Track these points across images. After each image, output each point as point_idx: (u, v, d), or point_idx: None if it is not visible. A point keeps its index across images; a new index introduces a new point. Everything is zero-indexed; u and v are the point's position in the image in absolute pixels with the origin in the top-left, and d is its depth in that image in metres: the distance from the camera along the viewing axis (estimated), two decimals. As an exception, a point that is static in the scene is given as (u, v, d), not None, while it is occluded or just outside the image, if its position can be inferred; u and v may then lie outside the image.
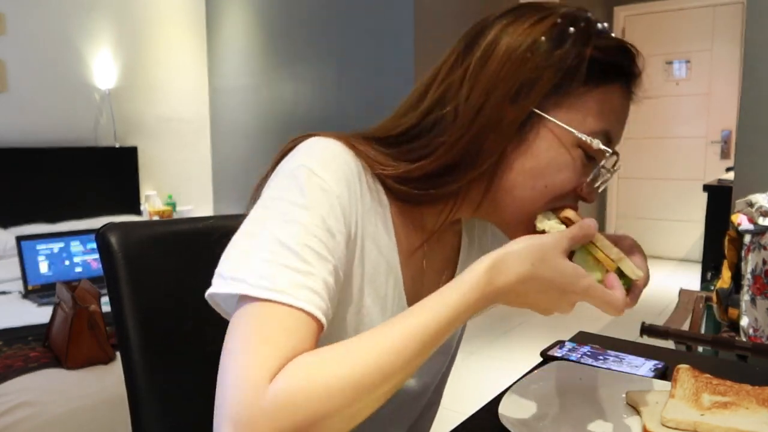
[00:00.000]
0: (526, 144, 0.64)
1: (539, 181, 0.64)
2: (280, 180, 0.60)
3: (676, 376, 0.76)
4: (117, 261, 0.79)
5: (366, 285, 0.66)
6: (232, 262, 0.55)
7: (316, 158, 0.60)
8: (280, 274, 0.52)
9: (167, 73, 3.89)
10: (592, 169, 0.66)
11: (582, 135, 0.63)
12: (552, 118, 0.63)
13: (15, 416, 1.51)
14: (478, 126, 0.62)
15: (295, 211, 0.56)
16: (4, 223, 2.97)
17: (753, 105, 2.32)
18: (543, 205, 0.65)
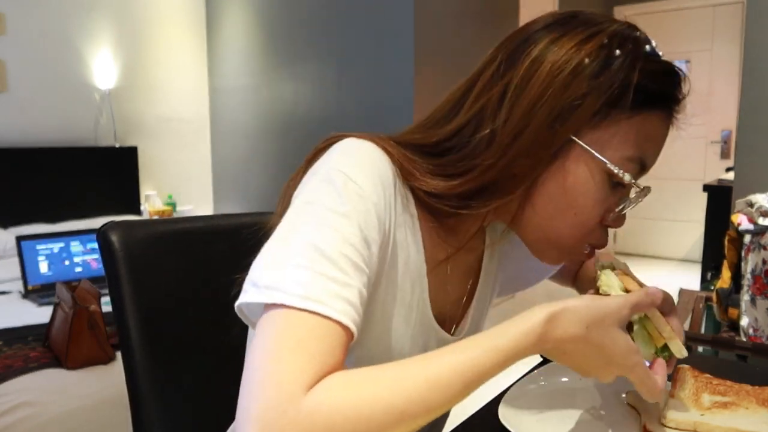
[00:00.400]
0: (558, 168, 0.62)
1: (569, 207, 0.63)
2: (316, 184, 0.57)
3: (676, 376, 0.76)
4: (118, 260, 0.79)
5: (392, 292, 0.65)
6: (266, 270, 0.52)
7: (352, 162, 0.59)
8: (317, 282, 0.50)
9: (167, 73, 3.89)
10: (621, 196, 0.64)
11: (614, 167, 0.61)
12: (586, 146, 0.61)
13: (15, 416, 1.51)
14: (515, 151, 0.61)
15: (333, 217, 0.54)
16: (4, 223, 2.97)
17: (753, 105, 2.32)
18: (575, 234, 0.65)
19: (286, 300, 0.49)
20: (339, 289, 0.51)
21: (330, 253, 0.52)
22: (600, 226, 0.65)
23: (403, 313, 0.66)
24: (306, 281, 0.50)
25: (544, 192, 0.63)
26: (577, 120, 0.60)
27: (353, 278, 0.52)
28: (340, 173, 0.57)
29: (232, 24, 3.97)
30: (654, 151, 0.64)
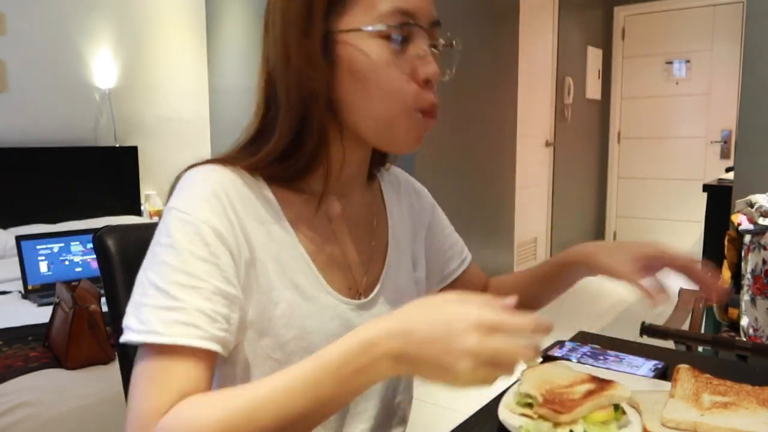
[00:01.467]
0: (338, 64, 0.65)
1: (371, 86, 0.65)
2: (161, 222, 0.64)
3: (676, 376, 0.76)
4: (114, 264, 0.79)
5: (279, 280, 0.67)
6: (127, 313, 0.60)
7: (181, 195, 0.64)
8: (153, 315, 0.57)
9: (167, 73, 3.89)
10: (416, 52, 0.65)
11: (365, 27, 0.63)
12: (341, 30, 0.64)
13: (15, 416, 1.50)
14: (293, 75, 0.65)
15: (163, 252, 0.61)
16: (4, 223, 2.97)
17: (753, 105, 2.32)
18: (396, 104, 0.65)
19: (134, 337, 0.58)
20: (174, 315, 0.57)
21: (162, 285, 0.59)
22: (417, 86, 0.66)
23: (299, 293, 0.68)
24: (146, 318, 0.57)
25: (344, 92, 0.66)
26: (317, 15, 0.63)
27: (186, 301, 0.58)
28: (170, 210, 0.63)
29: (232, 24, 3.97)
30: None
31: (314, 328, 0.68)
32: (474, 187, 3.77)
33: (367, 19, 0.63)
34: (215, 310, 0.60)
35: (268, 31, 0.68)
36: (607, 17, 5.44)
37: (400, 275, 0.81)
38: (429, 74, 0.66)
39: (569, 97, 4.85)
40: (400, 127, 0.67)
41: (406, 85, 0.65)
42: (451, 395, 2.60)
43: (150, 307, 0.58)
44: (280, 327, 0.67)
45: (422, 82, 0.66)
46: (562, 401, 0.66)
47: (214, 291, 0.60)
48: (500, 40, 3.87)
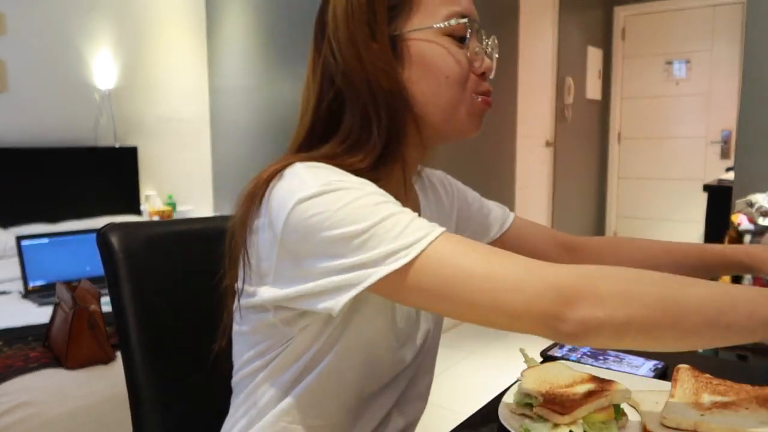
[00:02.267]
0: (408, 62, 0.71)
1: (438, 78, 0.71)
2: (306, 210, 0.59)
3: (676, 376, 0.76)
4: (118, 261, 0.79)
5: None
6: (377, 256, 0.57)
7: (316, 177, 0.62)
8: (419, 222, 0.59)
9: (167, 73, 3.89)
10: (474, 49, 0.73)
11: (437, 23, 0.70)
12: (409, 30, 0.70)
13: (15, 416, 1.51)
14: (369, 74, 0.69)
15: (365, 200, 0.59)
16: (4, 223, 2.97)
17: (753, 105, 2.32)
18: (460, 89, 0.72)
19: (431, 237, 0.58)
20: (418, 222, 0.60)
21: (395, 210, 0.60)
22: (476, 77, 0.74)
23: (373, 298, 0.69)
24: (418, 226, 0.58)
25: (416, 86, 0.71)
26: (382, 18, 0.70)
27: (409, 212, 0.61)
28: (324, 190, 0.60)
29: (232, 24, 3.97)
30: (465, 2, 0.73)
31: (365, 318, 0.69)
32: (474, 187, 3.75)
33: (433, 20, 0.71)
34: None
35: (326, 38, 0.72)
36: (607, 17, 5.44)
37: None
38: (486, 68, 0.75)
39: (569, 97, 4.85)
40: (463, 109, 0.73)
41: (467, 74, 0.73)
42: (452, 395, 2.60)
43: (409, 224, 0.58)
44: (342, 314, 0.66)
45: (480, 74, 0.74)
46: (562, 401, 0.66)
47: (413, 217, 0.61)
48: (500, 40, 3.86)
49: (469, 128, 0.76)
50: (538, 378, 0.72)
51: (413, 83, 0.72)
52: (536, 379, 0.71)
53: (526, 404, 0.69)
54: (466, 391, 2.65)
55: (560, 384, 0.70)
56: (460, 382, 2.76)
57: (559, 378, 0.72)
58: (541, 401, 0.66)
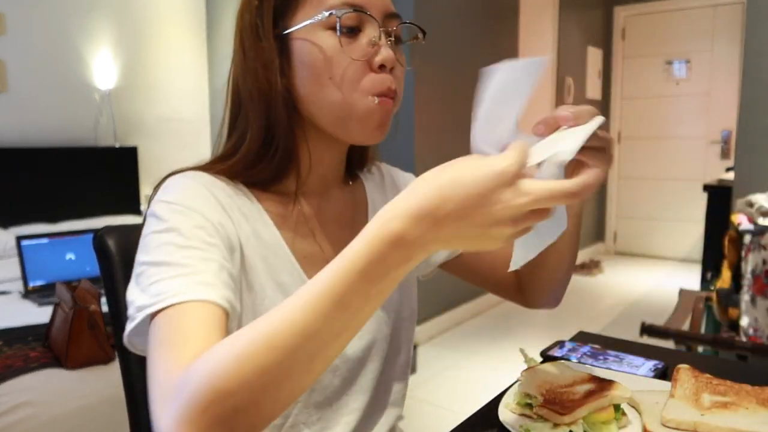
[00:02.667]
0: (292, 61, 0.68)
1: (321, 78, 0.66)
2: (145, 224, 0.64)
3: (676, 376, 0.76)
4: (114, 264, 0.79)
5: (265, 278, 0.69)
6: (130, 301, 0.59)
7: (168, 192, 0.65)
8: (170, 283, 0.56)
9: (167, 73, 3.89)
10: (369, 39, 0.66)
11: (311, 19, 0.65)
12: (291, 28, 0.67)
13: (15, 416, 1.51)
14: (251, 78, 0.68)
15: (161, 237, 0.60)
16: (4, 223, 2.97)
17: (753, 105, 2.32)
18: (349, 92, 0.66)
19: (151, 309, 0.55)
20: (191, 278, 0.56)
21: (171, 261, 0.58)
22: (373, 73, 0.67)
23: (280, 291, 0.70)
24: (161, 289, 0.55)
25: (301, 88, 0.68)
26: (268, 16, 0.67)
27: (200, 267, 0.57)
28: (157, 203, 0.63)
29: (232, 24, 3.97)
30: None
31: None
32: (474, 187, 3.77)
33: (314, 14, 0.66)
34: (224, 280, 0.60)
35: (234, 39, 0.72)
36: (607, 17, 5.44)
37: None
38: (383, 59, 0.66)
39: (569, 98, 4.85)
40: (355, 113, 0.67)
41: (358, 72, 0.66)
42: (452, 395, 2.60)
43: (163, 280, 0.56)
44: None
45: (376, 67, 0.66)
46: (562, 401, 0.66)
47: (221, 266, 0.60)
48: (500, 40, 3.87)
49: (363, 136, 0.69)
50: (538, 378, 0.72)
51: (300, 85, 0.68)
52: (536, 379, 0.71)
53: (526, 404, 0.68)
54: (466, 391, 2.65)
55: (560, 384, 0.70)
56: (460, 382, 2.76)
57: (559, 378, 0.72)
58: (541, 401, 0.66)
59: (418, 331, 3.23)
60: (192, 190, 0.65)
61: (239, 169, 0.70)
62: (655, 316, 3.71)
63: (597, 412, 0.65)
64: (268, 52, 0.67)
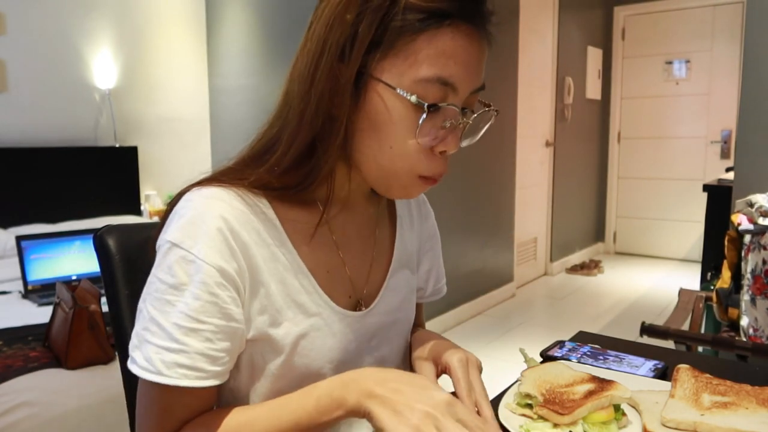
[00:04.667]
0: (362, 106, 0.63)
1: (384, 141, 0.64)
2: (158, 255, 0.64)
3: (676, 376, 0.76)
4: (115, 263, 0.79)
5: (283, 301, 0.68)
6: (132, 341, 0.63)
7: (182, 229, 0.63)
8: (155, 355, 0.60)
9: (167, 73, 3.89)
10: (444, 119, 0.63)
11: (400, 90, 0.61)
12: (376, 76, 0.62)
13: (15, 416, 1.50)
14: (316, 94, 0.62)
15: (165, 290, 0.61)
16: (4, 223, 2.97)
17: (753, 105, 2.32)
18: (404, 167, 0.65)
19: (139, 373, 0.60)
20: (175, 357, 0.59)
21: (165, 325, 0.60)
22: (430, 154, 0.65)
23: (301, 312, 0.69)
24: (149, 356, 0.60)
25: (359, 132, 0.65)
26: (359, 48, 0.61)
27: (188, 344, 0.60)
28: (171, 247, 0.62)
29: (232, 24, 3.97)
30: (458, 68, 0.62)
31: (315, 345, 0.69)
32: (474, 187, 3.77)
33: (405, 77, 0.61)
34: (216, 349, 0.62)
35: (306, 45, 0.65)
36: (607, 17, 5.44)
37: (402, 285, 0.81)
38: (446, 148, 0.65)
39: (569, 97, 4.85)
40: (398, 184, 0.67)
41: (418, 154, 0.64)
42: (451, 395, 2.59)
43: (152, 346, 0.60)
44: (283, 345, 0.68)
45: (437, 153, 0.65)
46: (562, 401, 0.66)
47: (214, 330, 0.61)
48: (500, 40, 3.87)
49: (398, 197, 0.71)
50: (538, 378, 0.72)
51: (359, 131, 0.65)
52: (536, 379, 0.71)
53: (526, 404, 0.69)
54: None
55: (560, 384, 0.70)
56: (460, 382, 2.75)
57: (559, 378, 0.72)
58: (541, 401, 0.66)
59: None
60: (207, 229, 0.62)
61: (267, 179, 0.66)
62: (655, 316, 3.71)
63: (597, 412, 0.65)
64: (344, 80, 0.62)
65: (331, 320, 0.71)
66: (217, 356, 0.62)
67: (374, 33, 0.60)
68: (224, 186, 0.66)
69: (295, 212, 0.70)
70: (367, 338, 0.75)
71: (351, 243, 0.76)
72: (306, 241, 0.70)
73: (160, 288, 0.62)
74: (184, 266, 0.61)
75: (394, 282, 0.80)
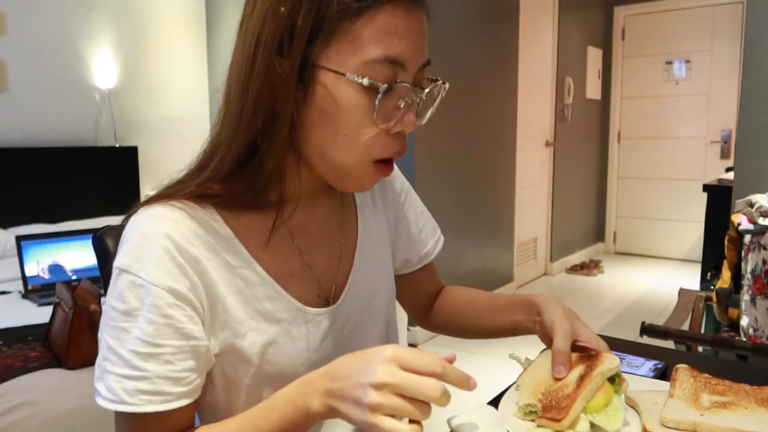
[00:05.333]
0: (311, 98, 0.61)
1: (338, 131, 0.62)
2: (110, 287, 0.63)
3: (674, 376, 0.76)
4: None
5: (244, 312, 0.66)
6: (95, 373, 0.64)
7: (130, 254, 0.62)
8: (117, 384, 0.60)
9: (167, 73, 3.89)
10: (398, 99, 0.62)
11: (350, 75, 0.59)
12: (321, 65, 0.60)
13: (15, 416, 1.50)
14: (254, 93, 0.61)
15: (118, 318, 0.61)
16: (4, 223, 2.97)
17: (753, 105, 2.32)
18: (358, 154, 0.63)
19: (102, 404, 0.61)
20: (136, 384, 0.59)
21: (121, 353, 0.60)
22: (385, 136, 0.63)
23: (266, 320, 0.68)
24: (111, 386, 0.60)
25: (309, 125, 0.63)
26: (299, 40, 0.59)
27: (148, 369, 0.59)
28: (120, 273, 0.62)
29: (232, 24, 3.96)
30: (404, 44, 0.60)
31: (284, 350, 0.68)
32: (474, 187, 3.77)
33: (352, 62, 0.59)
34: (177, 370, 0.61)
35: (239, 34, 0.65)
36: (607, 17, 5.44)
37: (375, 272, 0.80)
38: (404, 128, 0.64)
39: (569, 97, 4.85)
40: (353, 174, 0.65)
41: (374, 137, 0.63)
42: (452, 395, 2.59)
43: (113, 375, 0.60)
44: (251, 356, 0.67)
45: (394, 132, 0.64)
46: (558, 402, 0.65)
47: (173, 352, 0.61)
48: (500, 40, 3.87)
49: (352, 189, 0.69)
50: (533, 382, 0.71)
51: (308, 124, 0.63)
52: (531, 384, 0.70)
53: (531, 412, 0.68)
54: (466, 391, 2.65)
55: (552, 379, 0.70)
56: (460, 382, 2.76)
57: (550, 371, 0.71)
58: (540, 410, 0.65)
59: (418, 331, 3.23)
60: (153, 251, 0.61)
61: (213, 183, 0.64)
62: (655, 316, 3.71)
63: (595, 397, 0.65)
64: (286, 74, 0.60)
65: (300, 322, 0.70)
66: (180, 377, 0.61)
67: (313, 22, 0.59)
68: (169, 202, 0.64)
69: (248, 218, 0.68)
70: (340, 331, 0.74)
71: (314, 241, 0.74)
72: (263, 247, 0.68)
73: (114, 316, 0.61)
74: (134, 291, 0.60)
75: (361, 269, 0.78)
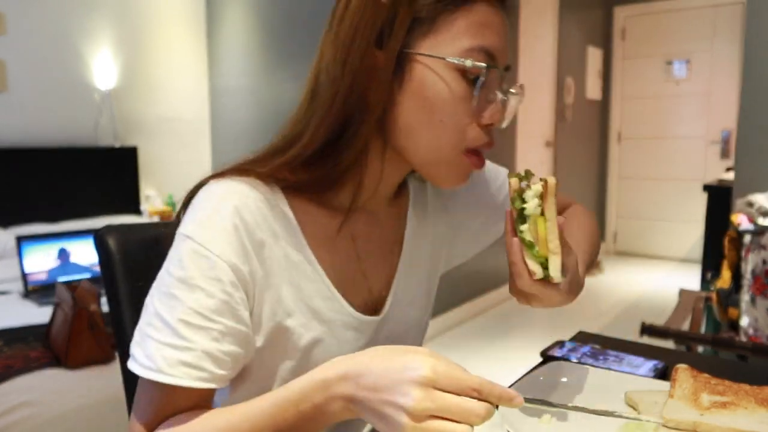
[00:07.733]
0: (408, 84, 0.63)
1: (433, 116, 0.63)
2: (171, 252, 0.62)
3: (674, 376, 0.76)
4: (115, 263, 0.79)
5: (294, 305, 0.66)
6: (135, 338, 0.61)
7: (197, 223, 0.61)
8: (158, 352, 0.57)
9: (167, 73, 3.89)
10: (488, 93, 0.64)
11: (451, 58, 0.62)
12: (421, 52, 0.62)
13: (15, 416, 1.51)
14: (348, 80, 0.62)
15: (174, 284, 0.59)
16: (4, 223, 2.97)
17: (753, 105, 2.32)
18: (451, 141, 0.64)
19: (137, 370, 0.59)
20: (179, 355, 0.57)
21: (170, 321, 0.58)
22: (476, 126, 0.65)
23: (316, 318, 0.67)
24: (151, 353, 0.58)
25: (404, 114, 0.64)
26: (399, 31, 0.61)
27: (194, 341, 0.58)
28: (184, 238, 0.61)
29: (232, 24, 3.97)
30: (496, 39, 0.64)
31: (330, 351, 0.67)
32: (474, 187, 3.77)
33: (450, 50, 0.62)
34: (223, 350, 0.59)
35: (332, 26, 0.65)
36: (607, 17, 5.44)
37: (417, 286, 0.80)
38: (495, 120, 0.65)
39: (569, 97, 4.85)
40: (446, 163, 0.66)
41: (468, 125, 0.65)
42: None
43: (155, 342, 0.58)
44: (296, 350, 0.66)
45: (485, 125, 0.65)
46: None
47: (223, 331, 0.59)
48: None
49: (446, 183, 0.69)
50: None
51: (403, 112, 0.64)
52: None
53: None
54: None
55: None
56: (460, 382, 2.76)
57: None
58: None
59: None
60: (223, 225, 0.60)
61: (290, 168, 0.64)
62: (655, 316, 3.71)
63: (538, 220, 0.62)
64: (384, 64, 0.62)
65: (348, 326, 0.69)
66: (222, 359, 0.59)
67: (414, 12, 0.61)
68: (245, 178, 0.64)
69: (315, 213, 0.67)
70: (383, 341, 0.74)
71: (373, 250, 0.73)
72: (325, 244, 0.68)
73: (168, 282, 0.60)
74: (196, 260, 0.59)
75: (404, 282, 0.77)
